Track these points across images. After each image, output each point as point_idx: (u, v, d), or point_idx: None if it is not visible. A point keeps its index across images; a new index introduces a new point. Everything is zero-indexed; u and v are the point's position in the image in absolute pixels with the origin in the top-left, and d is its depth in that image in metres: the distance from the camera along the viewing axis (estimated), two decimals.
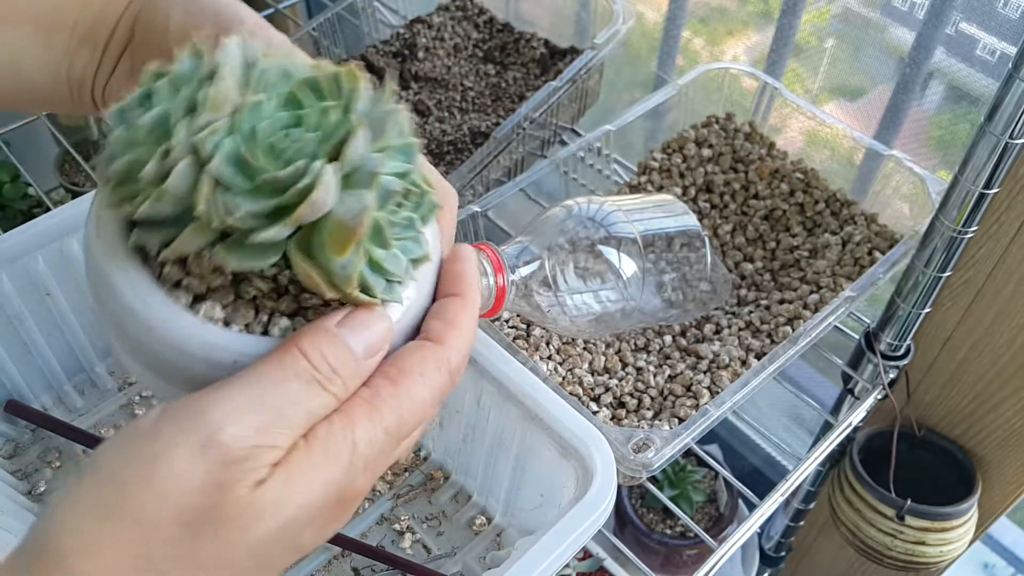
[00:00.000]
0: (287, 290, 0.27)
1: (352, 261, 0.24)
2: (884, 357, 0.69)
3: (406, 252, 0.27)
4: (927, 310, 0.65)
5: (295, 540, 0.25)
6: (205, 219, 0.23)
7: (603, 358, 0.61)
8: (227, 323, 0.25)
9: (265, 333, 0.26)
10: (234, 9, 0.31)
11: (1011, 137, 0.53)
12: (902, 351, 0.69)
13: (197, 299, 0.25)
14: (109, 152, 0.24)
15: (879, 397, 0.70)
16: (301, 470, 0.24)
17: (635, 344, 0.63)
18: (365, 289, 0.26)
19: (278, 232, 0.23)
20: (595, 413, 0.58)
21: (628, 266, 0.55)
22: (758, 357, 0.60)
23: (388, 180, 0.25)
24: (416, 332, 0.28)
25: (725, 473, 0.64)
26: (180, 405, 0.23)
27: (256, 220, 0.23)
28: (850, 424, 0.69)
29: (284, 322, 0.26)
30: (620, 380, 0.60)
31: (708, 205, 0.72)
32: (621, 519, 0.97)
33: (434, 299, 0.29)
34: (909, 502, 0.71)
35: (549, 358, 0.61)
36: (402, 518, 0.57)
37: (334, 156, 0.24)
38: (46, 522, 0.22)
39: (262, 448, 0.23)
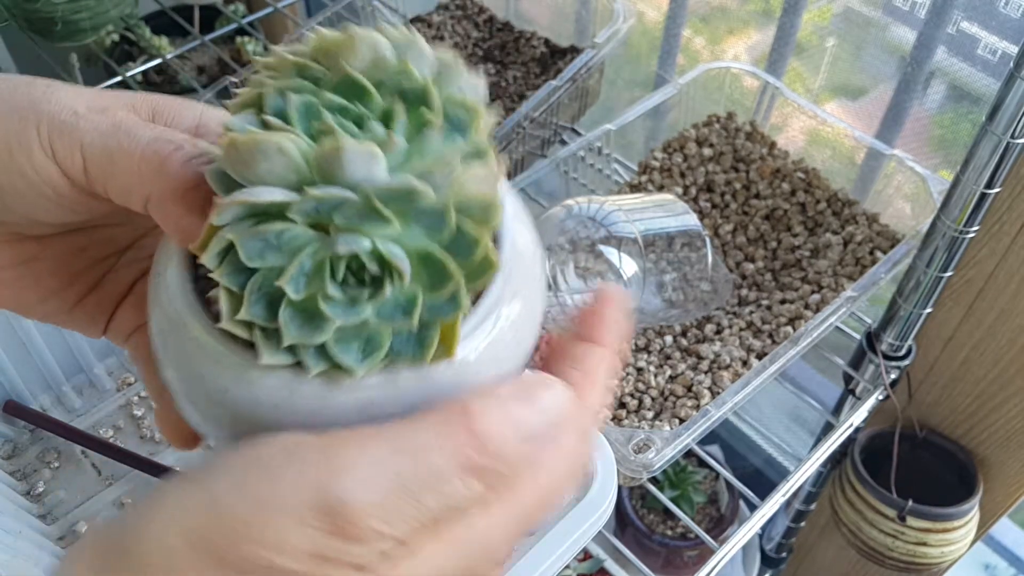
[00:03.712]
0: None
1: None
2: (885, 357, 0.69)
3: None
4: (928, 310, 0.65)
5: None
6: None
7: None
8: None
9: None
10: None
11: (1012, 137, 0.52)
12: (903, 351, 0.69)
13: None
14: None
15: (880, 397, 0.70)
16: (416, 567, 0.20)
17: (635, 344, 0.63)
18: None
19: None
20: None
21: (629, 266, 0.55)
22: (759, 357, 0.60)
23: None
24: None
25: (726, 474, 0.64)
26: (309, 446, 0.20)
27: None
28: (851, 425, 0.68)
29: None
30: (620, 380, 0.60)
31: (709, 205, 0.72)
32: (622, 520, 0.97)
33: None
34: (910, 503, 0.71)
35: None
36: None
37: None
38: (136, 522, 0.20)
39: (380, 535, 0.20)
